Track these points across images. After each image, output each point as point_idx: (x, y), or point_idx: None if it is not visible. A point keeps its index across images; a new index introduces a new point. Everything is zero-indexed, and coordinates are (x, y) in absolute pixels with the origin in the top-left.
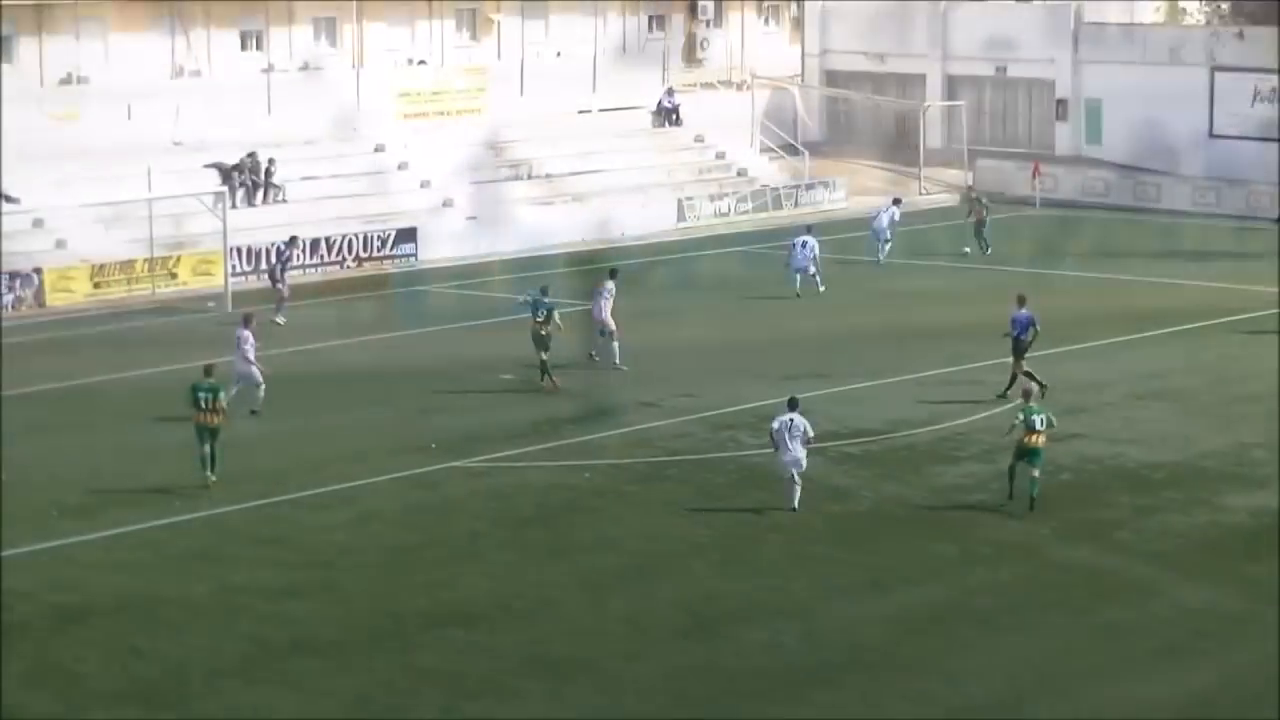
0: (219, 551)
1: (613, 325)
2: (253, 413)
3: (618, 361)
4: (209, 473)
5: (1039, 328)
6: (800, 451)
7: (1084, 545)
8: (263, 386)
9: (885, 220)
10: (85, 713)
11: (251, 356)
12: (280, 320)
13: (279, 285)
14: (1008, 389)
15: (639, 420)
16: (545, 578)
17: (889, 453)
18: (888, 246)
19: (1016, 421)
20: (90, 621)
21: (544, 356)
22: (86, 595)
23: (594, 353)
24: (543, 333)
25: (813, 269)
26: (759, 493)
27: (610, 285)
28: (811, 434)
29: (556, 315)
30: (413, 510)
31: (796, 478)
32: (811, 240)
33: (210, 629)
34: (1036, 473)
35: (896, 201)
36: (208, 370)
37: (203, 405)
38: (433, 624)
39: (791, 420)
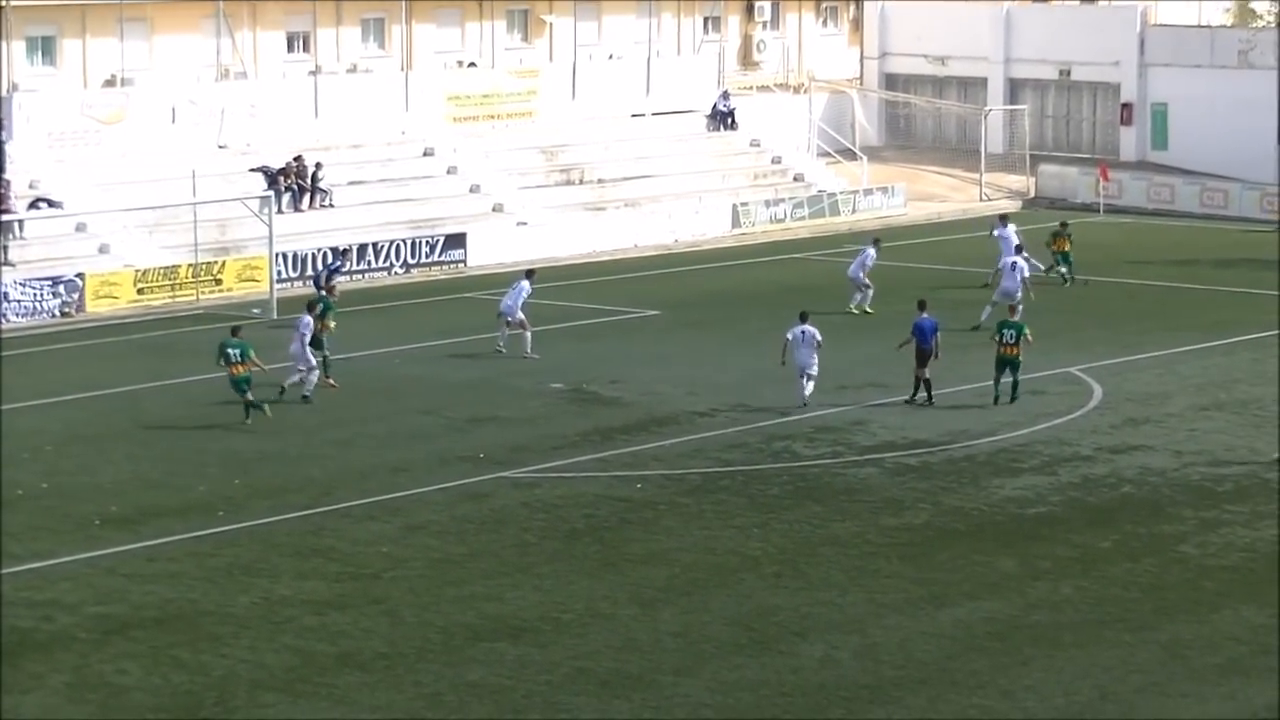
0: (263, 563)
1: (523, 318)
2: (304, 398)
3: (529, 351)
4: (249, 419)
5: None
6: (813, 357)
7: (1146, 559)
8: (314, 373)
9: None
10: None
11: (307, 339)
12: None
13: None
14: (915, 396)
15: (692, 431)
16: (595, 591)
17: (947, 464)
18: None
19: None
20: (132, 633)
21: (325, 355)
22: (129, 606)
23: (501, 345)
24: (321, 335)
25: (863, 276)
26: (814, 505)
27: (525, 284)
28: (820, 339)
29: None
30: (461, 522)
31: (809, 376)
32: (871, 251)
33: (254, 641)
34: (1016, 377)
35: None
36: (234, 330)
37: (232, 360)
38: (481, 637)
39: (804, 331)
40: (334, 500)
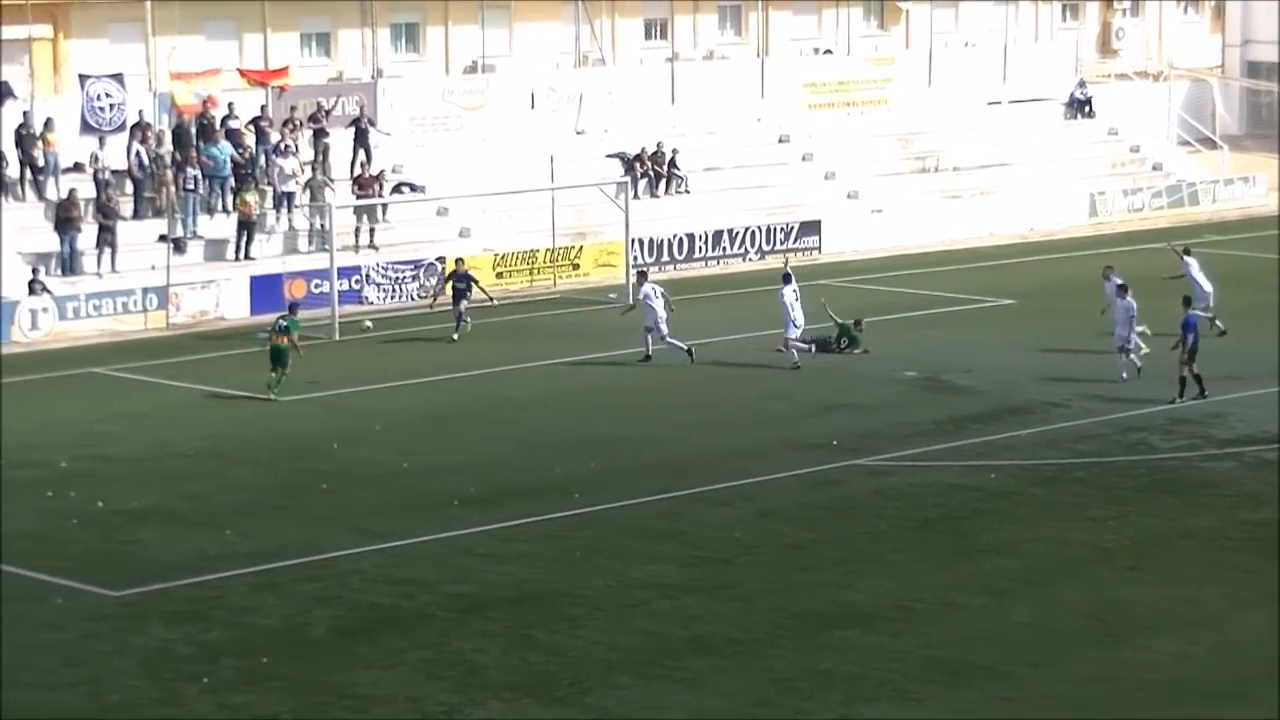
0: (617, 545)
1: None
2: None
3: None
4: (273, 391)
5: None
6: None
7: None
8: (682, 348)
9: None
10: (483, 704)
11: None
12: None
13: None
14: (1183, 394)
15: (1046, 421)
16: (947, 580)
17: None
18: None
19: None
20: (489, 612)
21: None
22: (485, 586)
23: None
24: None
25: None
26: (1170, 498)
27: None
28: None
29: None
30: (813, 508)
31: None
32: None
33: (607, 623)
34: None
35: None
36: (292, 308)
37: (278, 328)
38: (832, 624)
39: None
40: (687, 484)
